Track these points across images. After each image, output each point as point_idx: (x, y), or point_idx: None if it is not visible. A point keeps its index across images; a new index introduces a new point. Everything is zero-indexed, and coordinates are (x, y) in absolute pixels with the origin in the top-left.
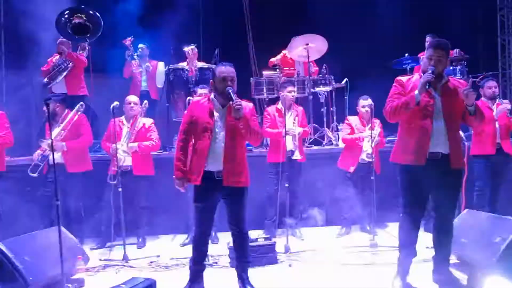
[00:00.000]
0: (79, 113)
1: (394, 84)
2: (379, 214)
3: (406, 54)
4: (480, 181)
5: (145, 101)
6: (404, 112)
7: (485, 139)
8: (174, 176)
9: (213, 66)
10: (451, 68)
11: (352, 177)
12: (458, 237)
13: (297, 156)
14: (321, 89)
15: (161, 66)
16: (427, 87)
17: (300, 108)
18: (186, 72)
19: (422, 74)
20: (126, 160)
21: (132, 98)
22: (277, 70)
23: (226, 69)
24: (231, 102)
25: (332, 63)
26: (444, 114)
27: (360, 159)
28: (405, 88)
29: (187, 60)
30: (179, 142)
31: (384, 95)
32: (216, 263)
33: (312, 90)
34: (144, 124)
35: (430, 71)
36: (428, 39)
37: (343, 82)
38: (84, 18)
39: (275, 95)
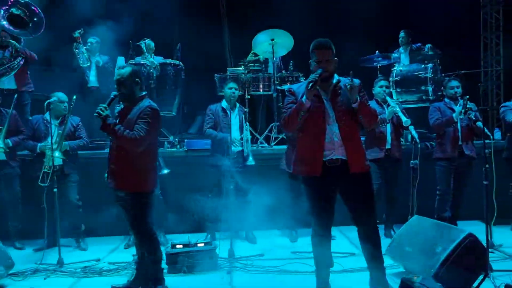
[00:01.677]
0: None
1: (286, 93)
2: (342, 218)
3: (377, 52)
4: (441, 185)
5: (74, 97)
6: (297, 120)
7: (447, 142)
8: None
9: (176, 61)
10: (423, 66)
11: None
12: (402, 245)
13: (251, 162)
14: (288, 86)
15: (120, 61)
16: (309, 87)
17: (246, 110)
18: (148, 67)
19: None
20: (56, 160)
21: (61, 96)
22: (242, 66)
23: None
24: None
25: (303, 60)
26: (337, 118)
27: None
28: (297, 96)
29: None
30: None
31: None
32: None
33: (279, 87)
34: (71, 123)
35: (317, 73)
36: (402, 35)
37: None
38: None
39: (240, 92)
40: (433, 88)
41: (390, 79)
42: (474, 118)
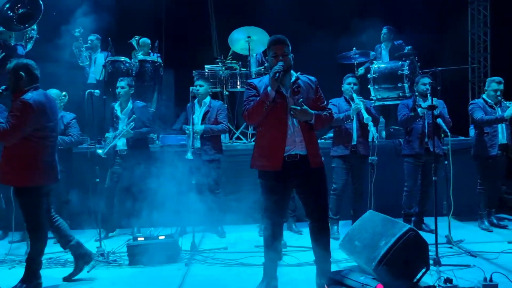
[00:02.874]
0: None
1: (246, 87)
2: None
3: (354, 48)
4: (408, 181)
5: (64, 93)
6: (262, 110)
7: (414, 139)
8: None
9: (154, 58)
10: (400, 63)
11: None
12: (353, 239)
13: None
14: None
15: (99, 58)
16: (275, 77)
17: (217, 104)
18: (127, 64)
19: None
20: None
21: (55, 92)
22: (220, 63)
23: None
24: None
25: None
26: None
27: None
28: (258, 90)
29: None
30: None
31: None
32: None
33: None
34: (62, 121)
35: (280, 65)
36: (384, 31)
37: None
38: (28, 6)
39: (218, 89)
40: (410, 85)
41: (369, 76)
42: (436, 114)
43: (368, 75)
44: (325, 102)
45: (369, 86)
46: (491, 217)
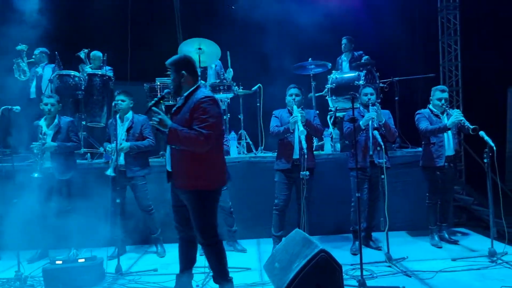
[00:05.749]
0: None
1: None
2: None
3: (309, 59)
4: (355, 196)
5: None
6: None
7: (358, 151)
8: None
9: (103, 71)
10: (357, 73)
11: None
12: (274, 260)
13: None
14: (220, 95)
15: (46, 72)
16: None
17: (140, 119)
18: (76, 78)
19: None
20: None
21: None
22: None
23: None
24: None
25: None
26: None
27: None
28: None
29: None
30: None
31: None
32: None
33: None
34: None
35: (161, 94)
36: (344, 42)
37: (254, 88)
38: None
39: (171, 102)
40: None
41: (327, 86)
42: (376, 126)
43: (327, 86)
44: (203, 124)
45: (327, 97)
46: (443, 231)
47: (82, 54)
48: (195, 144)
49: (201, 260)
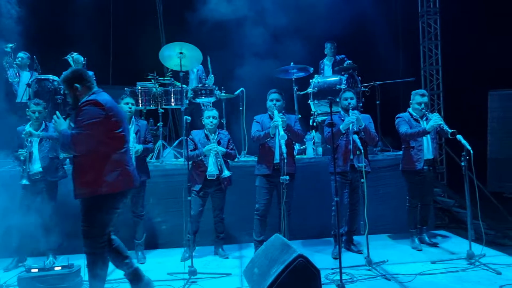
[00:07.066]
0: None
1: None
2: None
3: (291, 63)
4: (335, 200)
5: None
6: None
7: (339, 156)
8: None
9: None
10: (338, 78)
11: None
12: (254, 266)
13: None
14: (203, 99)
15: (24, 77)
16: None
17: (143, 123)
18: (55, 82)
19: None
20: None
21: None
22: (152, 80)
23: None
24: None
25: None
26: None
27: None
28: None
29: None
30: None
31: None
32: None
33: (193, 101)
34: None
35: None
36: (328, 46)
37: (237, 92)
38: None
39: (153, 107)
40: None
41: (309, 90)
42: (356, 129)
43: (309, 90)
44: (77, 125)
45: (309, 101)
46: (423, 234)
47: (69, 58)
48: (70, 144)
49: (181, 266)
